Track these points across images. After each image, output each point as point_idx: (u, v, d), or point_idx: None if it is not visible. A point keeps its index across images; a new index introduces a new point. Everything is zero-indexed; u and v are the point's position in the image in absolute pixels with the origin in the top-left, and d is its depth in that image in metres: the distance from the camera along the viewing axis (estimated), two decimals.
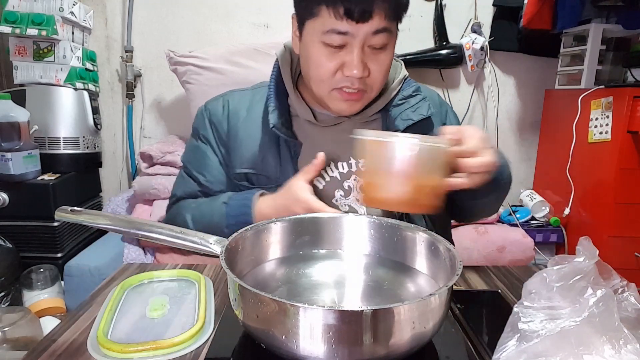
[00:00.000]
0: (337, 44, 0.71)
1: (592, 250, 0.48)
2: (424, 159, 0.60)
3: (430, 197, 0.62)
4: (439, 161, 0.61)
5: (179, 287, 0.68)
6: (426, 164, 0.60)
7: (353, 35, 0.70)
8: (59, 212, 0.57)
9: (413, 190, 0.60)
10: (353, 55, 0.71)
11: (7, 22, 1.56)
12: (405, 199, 0.61)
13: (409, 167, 0.60)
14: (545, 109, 2.08)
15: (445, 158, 0.62)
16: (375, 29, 0.69)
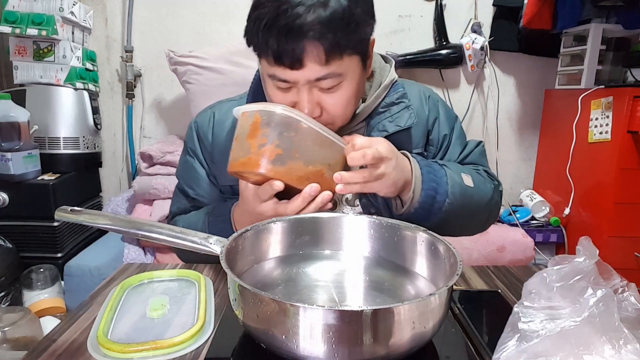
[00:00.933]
0: (283, 87, 0.69)
1: (592, 250, 0.48)
2: (259, 124, 0.63)
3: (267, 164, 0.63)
4: (278, 127, 0.63)
5: (179, 287, 0.68)
6: (264, 128, 0.62)
7: (294, 82, 0.68)
8: (59, 212, 0.57)
9: (253, 152, 0.62)
10: (299, 97, 0.69)
11: (7, 22, 1.56)
12: (244, 160, 0.63)
13: (251, 130, 0.63)
14: (545, 109, 2.08)
15: (281, 122, 0.63)
16: (314, 77, 0.66)
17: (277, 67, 0.67)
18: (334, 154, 0.67)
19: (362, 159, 0.64)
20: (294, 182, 0.64)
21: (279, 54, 0.65)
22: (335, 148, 0.67)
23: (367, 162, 0.64)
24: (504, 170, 2.16)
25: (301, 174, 0.64)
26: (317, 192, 0.64)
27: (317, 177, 0.65)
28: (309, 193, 0.63)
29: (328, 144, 0.66)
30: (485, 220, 0.87)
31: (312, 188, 0.63)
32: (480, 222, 0.87)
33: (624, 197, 1.61)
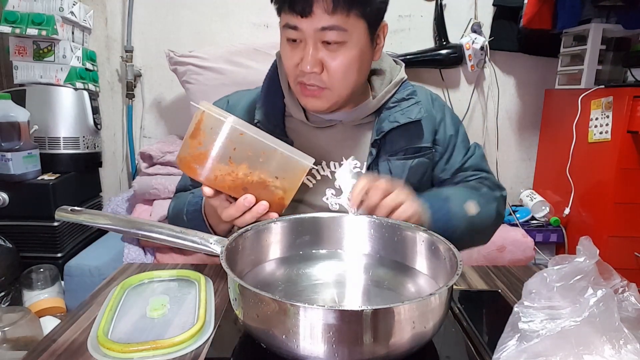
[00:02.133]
0: (292, 37, 0.73)
1: (593, 250, 0.48)
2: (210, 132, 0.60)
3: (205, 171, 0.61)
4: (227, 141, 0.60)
5: (179, 287, 0.68)
6: (212, 137, 0.60)
7: (302, 31, 0.71)
8: (59, 212, 0.57)
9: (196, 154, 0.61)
10: (306, 50, 0.72)
11: (7, 22, 1.56)
12: (182, 157, 0.62)
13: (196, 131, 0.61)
14: (545, 109, 2.08)
15: (232, 140, 0.60)
16: (321, 25, 0.69)
17: (290, 15, 0.71)
18: (284, 167, 0.63)
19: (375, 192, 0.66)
20: (227, 190, 0.62)
21: (293, 1, 0.69)
22: (287, 161, 0.63)
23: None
24: (504, 170, 2.16)
25: (236, 184, 0.62)
26: (250, 203, 0.62)
27: (260, 189, 0.63)
28: (242, 204, 0.62)
29: (277, 156, 0.62)
30: (490, 235, 0.91)
31: (245, 199, 0.62)
32: (484, 239, 0.90)
33: (624, 197, 1.61)
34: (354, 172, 0.70)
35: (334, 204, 0.82)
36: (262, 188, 0.62)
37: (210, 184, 0.62)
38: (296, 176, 0.64)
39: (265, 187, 0.63)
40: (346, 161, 0.72)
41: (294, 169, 0.64)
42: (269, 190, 0.63)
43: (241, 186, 0.62)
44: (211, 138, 0.59)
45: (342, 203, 0.81)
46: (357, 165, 0.82)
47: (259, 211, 0.63)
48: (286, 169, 0.63)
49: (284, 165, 0.63)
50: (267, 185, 0.63)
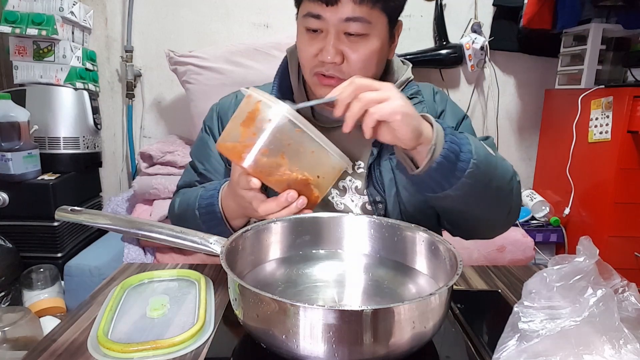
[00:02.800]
0: (314, 27, 0.72)
1: (593, 249, 0.48)
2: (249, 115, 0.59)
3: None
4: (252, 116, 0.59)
5: (179, 286, 0.68)
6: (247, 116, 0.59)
7: (325, 21, 0.70)
8: (59, 212, 0.57)
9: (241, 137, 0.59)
10: (326, 41, 0.71)
11: (7, 22, 1.56)
12: (230, 145, 0.61)
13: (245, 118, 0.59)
14: (545, 109, 2.08)
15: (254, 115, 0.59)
16: (346, 15, 0.69)
17: (313, 3, 0.70)
18: (327, 167, 0.63)
19: (350, 86, 0.60)
20: (273, 184, 0.61)
21: None
22: (330, 161, 0.63)
23: (357, 91, 0.60)
24: None
25: (282, 179, 0.61)
26: (293, 199, 0.61)
27: (301, 185, 0.62)
28: (286, 199, 0.61)
29: (324, 155, 0.62)
30: (508, 213, 0.77)
31: (289, 195, 0.61)
32: (503, 210, 0.76)
33: (624, 197, 1.61)
34: None
35: (339, 204, 0.81)
36: (304, 185, 0.62)
37: (255, 174, 0.60)
38: (333, 175, 0.64)
39: (307, 184, 0.62)
40: None
41: (334, 169, 0.64)
42: (308, 188, 0.62)
43: (286, 181, 0.61)
44: (267, 130, 0.58)
45: (346, 203, 0.81)
46: (360, 165, 0.82)
47: (298, 206, 0.62)
48: (327, 169, 0.63)
49: (327, 166, 0.63)
50: (309, 183, 0.62)
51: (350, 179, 0.81)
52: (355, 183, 0.81)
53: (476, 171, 0.63)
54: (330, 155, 0.62)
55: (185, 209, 0.80)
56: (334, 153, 0.62)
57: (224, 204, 0.73)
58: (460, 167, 0.62)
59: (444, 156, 0.61)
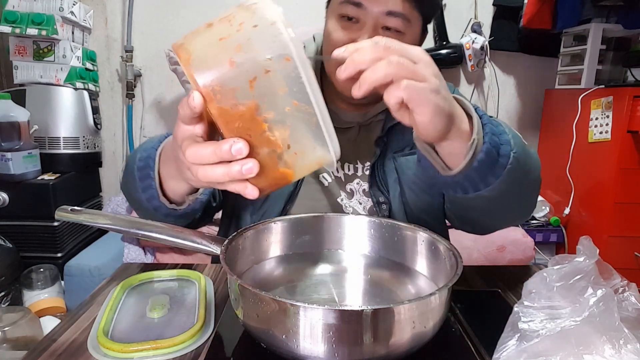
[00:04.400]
0: (351, 15, 0.69)
1: (593, 249, 0.48)
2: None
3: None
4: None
5: (179, 286, 0.68)
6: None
7: (366, 10, 0.68)
8: (59, 212, 0.57)
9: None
10: (363, 32, 0.69)
11: (7, 22, 1.56)
12: (186, 37, 0.40)
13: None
14: (545, 109, 2.08)
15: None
16: (388, 9, 0.67)
17: None
18: (306, 143, 0.42)
19: (374, 47, 0.44)
20: (221, 117, 0.40)
21: None
22: (314, 136, 0.42)
23: (379, 55, 0.44)
24: None
25: (239, 117, 0.40)
26: (239, 153, 0.39)
27: (260, 145, 0.41)
28: (229, 149, 0.39)
29: (306, 119, 0.41)
30: (535, 199, 0.69)
31: (235, 145, 0.39)
32: (532, 203, 0.69)
33: (624, 197, 1.61)
34: None
35: (347, 206, 0.80)
36: (264, 146, 0.41)
37: (209, 102, 0.39)
38: (311, 161, 0.43)
39: (271, 148, 0.41)
40: None
41: (314, 150, 0.43)
42: (271, 157, 0.41)
43: (243, 128, 0.40)
44: (244, 36, 0.39)
45: (354, 206, 0.78)
46: (367, 166, 0.80)
47: (242, 172, 0.40)
48: (306, 145, 0.42)
49: (308, 139, 0.42)
50: (273, 149, 0.41)
51: (357, 181, 0.80)
52: (363, 186, 0.80)
53: (516, 166, 0.54)
54: (317, 127, 0.41)
55: (128, 165, 0.66)
56: (325, 129, 0.41)
57: (163, 157, 0.60)
58: (500, 164, 0.53)
59: (485, 152, 0.52)
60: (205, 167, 0.41)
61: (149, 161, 0.61)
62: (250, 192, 0.42)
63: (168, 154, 0.58)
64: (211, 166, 0.41)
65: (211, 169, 0.41)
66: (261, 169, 0.41)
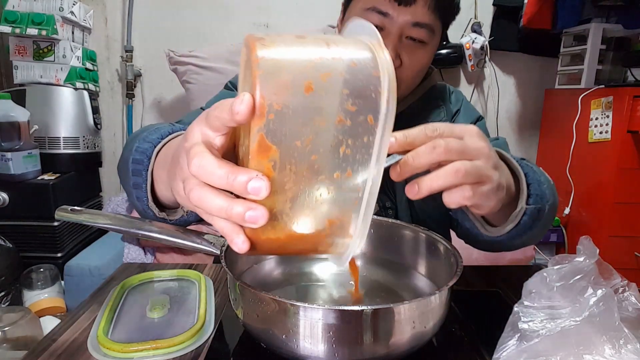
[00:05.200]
0: (376, 23, 0.68)
1: (592, 249, 0.48)
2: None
3: None
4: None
5: (179, 286, 0.68)
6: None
7: (392, 20, 0.67)
8: (59, 212, 0.57)
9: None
10: (388, 41, 0.68)
11: (7, 22, 1.56)
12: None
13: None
14: (545, 109, 2.08)
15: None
16: (416, 19, 0.67)
17: (383, 0, 0.66)
18: (333, 205, 0.33)
19: (432, 152, 0.41)
20: (259, 146, 0.30)
21: None
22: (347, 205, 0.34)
23: (439, 159, 0.41)
24: None
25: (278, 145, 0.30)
26: (255, 192, 0.30)
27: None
28: (240, 179, 0.30)
29: (362, 174, 0.33)
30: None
31: (257, 179, 0.30)
32: (545, 231, 0.69)
33: (624, 196, 1.61)
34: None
35: None
36: (286, 200, 0.32)
37: (259, 111, 0.29)
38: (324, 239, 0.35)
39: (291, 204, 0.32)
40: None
41: (329, 216, 0.33)
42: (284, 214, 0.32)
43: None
44: (338, 73, 0.31)
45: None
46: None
47: (242, 213, 0.30)
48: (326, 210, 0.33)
49: (334, 204, 0.33)
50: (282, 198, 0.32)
51: None
52: None
53: (548, 215, 0.57)
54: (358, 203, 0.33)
55: (124, 149, 0.60)
56: (362, 219, 0.34)
57: (162, 157, 0.52)
58: (540, 217, 0.56)
59: (529, 215, 0.53)
60: (203, 189, 0.32)
61: (144, 158, 0.53)
62: (239, 243, 0.32)
63: (167, 153, 0.51)
64: (211, 191, 0.32)
65: (209, 195, 0.32)
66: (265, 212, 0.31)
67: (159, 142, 0.54)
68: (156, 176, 0.53)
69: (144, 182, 0.54)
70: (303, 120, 0.30)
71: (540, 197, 0.55)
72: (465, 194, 0.42)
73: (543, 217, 0.56)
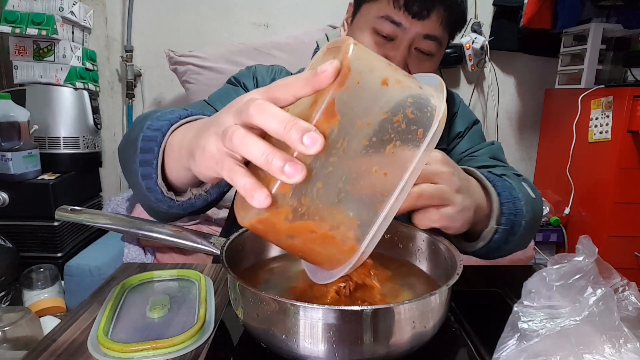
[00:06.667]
0: (386, 33, 0.69)
1: (592, 248, 0.48)
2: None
3: None
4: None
5: (179, 286, 0.68)
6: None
7: (404, 30, 0.68)
8: (59, 212, 0.57)
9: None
10: (398, 51, 0.69)
11: (7, 22, 1.56)
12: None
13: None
14: (545, 109, 2.08)
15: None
16: (427, 32, 0.68)
17: (397, 11, 0.67)
18: (348, 224, 0.36)
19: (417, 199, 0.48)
20: (326, 113, 0.32)
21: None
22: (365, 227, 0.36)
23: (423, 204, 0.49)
24: None
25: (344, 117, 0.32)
26: (312, 141, 0.30)
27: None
28: (302, 124, 0.30)
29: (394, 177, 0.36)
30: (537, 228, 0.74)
31: (313, 130, 0.30)
32: (530, 240, 0.73)
33: (624, 196, 1.61)
34: None
35: None
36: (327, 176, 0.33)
37: (340, 78, 0.32)
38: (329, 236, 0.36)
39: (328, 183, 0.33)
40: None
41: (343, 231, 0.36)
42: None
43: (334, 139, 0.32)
44: (407, 86, 0.35)
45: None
46: None
47: (282, 165, 0.30)
48: (341, 219, 0.35)
49: (345, 214, 0.35)
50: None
51: None
52: None
53: (526, 228, 0.61)
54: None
55: (131, 129, 0.56)
56: (377, 225, 0.35)
57: (178, 137, 0.48)
58: (514, 233, 0.60)
59: (501, 233, 0.58)
60: (247, 133, 0.31)
61: (158, 134, 0.50)
62: (261, 198, 0.31)
63: (187, 131, 0.47)
64: (255, 136, 0.31)
65: (253, 138, 0.31)
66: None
67: (178, 121, 0.50)
68: (168, 156, 0.49)
69: (155, 159, 0.49)
70: (371, 104, 0.33)
71: (514, 214, 0.59)
72: (432, 217, 0.49)
73: (518, 232, 0.60)
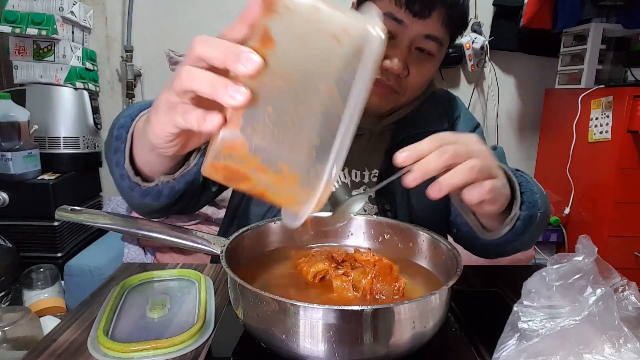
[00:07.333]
0: (389, 29, 0.69)
1: (591, 248, 0.48)
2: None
3: None
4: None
5: (179, 286, 0.68)
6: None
7: (406, 29, 0.68)
8: (59, 212, 0.57)
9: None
10: (398, 50, 0.69)
11: (7, 22, 1.56)
12: None
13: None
14: (545, 109, 2.08)
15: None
16: (428, 32, 0.68)
17: (399, 9, 0.67)
18: (300, 154, 0.34)
19: (442, 156, 0.46)
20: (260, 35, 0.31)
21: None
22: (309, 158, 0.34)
23: (446, 164, 0.46)
24: None
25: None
26: (249, 62, 0.31)
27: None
28: (241, 49, 0.31)
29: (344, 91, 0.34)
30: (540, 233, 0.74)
31: (251, 52, 0.31)
32: (537, 238, 0.73)
33: (624, 196, 1.61)
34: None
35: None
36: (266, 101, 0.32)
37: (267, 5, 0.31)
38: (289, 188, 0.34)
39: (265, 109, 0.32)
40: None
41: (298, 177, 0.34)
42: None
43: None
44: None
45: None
46: (376, 174, 0.79)
47: (226, 87, 0.31)
48: (298, 159, 0.33)
49: (301, 154, 0.33)
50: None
51: (364, 188, 0.80)
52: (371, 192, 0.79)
53: (540, 221, 0.62)
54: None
55: (112, 127, 0.63)
56: (337, 145, 0.33)
57: (142, 119, 0.55)
58: (531, 224, 0.60)
59: (523, 220, 0.58)
60: (193, 68, 0.34)
61: (127, 120, 0.60)
62: (214, 120, 0.32)
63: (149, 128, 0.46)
64: (201, 69, 0.34)
65: (198, 71, 0.34)
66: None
67: (148, 107, 0.55)
68: (135, 139, 0.57)
69: (124, 143, 0.58)
70: (305, 26, 0.31)
71: (532, 205, 0.59)
72: (484, 189, 0.48)
73: (534, 223, 0.61)
